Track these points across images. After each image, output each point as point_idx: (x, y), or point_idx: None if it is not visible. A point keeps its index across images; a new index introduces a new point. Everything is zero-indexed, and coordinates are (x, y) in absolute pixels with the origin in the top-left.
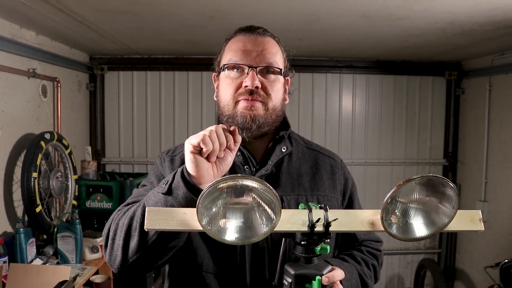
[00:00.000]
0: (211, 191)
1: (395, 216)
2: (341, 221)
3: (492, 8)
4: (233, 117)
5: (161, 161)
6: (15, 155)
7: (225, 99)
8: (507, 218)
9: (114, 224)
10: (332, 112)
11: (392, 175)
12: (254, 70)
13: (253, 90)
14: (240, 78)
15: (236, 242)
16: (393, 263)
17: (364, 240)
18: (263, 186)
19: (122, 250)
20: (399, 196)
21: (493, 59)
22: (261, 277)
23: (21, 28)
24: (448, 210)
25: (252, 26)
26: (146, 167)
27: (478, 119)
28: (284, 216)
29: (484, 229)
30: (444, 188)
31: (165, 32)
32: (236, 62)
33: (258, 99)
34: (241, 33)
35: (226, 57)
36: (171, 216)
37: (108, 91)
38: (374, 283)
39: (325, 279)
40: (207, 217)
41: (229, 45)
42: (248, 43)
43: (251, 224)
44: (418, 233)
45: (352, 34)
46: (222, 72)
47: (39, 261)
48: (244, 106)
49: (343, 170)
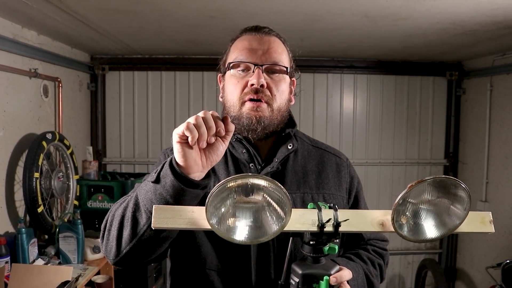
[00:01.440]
0: (221, 190)
1: (406, 217)
2: (350, 222)
3: (494, 8)
4: (239, 118)
5: (165, 157)
6: (17, 155)
7: (231, 100)
8: (508, 218)
9: (111, 216)
10: (333, 112)
11: (393, 175)
12: (260, 68)
13: (259, 89)
14: (245, 77)
15: (245, 241)
16: (394, 263)
17: (370, 239)
18: (273, 185)
19: (117, 241)
20: (410, 197)
21: (494, 59)
22: (267, 275)
23: (22, 28)
24: (460, 212)
25: (258, 26)
26: (147, 167)
27: (479, 119)
28: (294, 216)
29: (494, 231)
30: (456, 189)
31: (166, 32)
32: (241, 60)
33: (264, 99)
34: (247, 32)
35: (231, 56)
36: (179, 214)
37: (109, 91)
38: (380, 282)
39: (333, 279)
40: (216, 216)
41: (235, 45)
42: (253, 41)
43: (261, 223)
44: (428, 235)
45: (353, 34)
46: (227, 72)
47: (41, 261)
48: (250, 107)
49: (348, 168)
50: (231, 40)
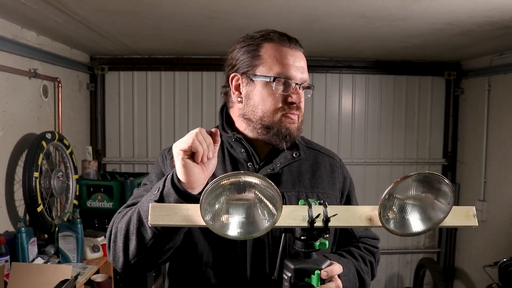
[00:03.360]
0: (214, 188)
1: (393, 212)
2: (340, 217)
3: (491, 9)
4: (278, 129)
5: (163, 159)
6: (17, 155)
7: (265, 110)
8: (506, 217)
9: (114, 227)
10: (332, 112)
11: (392, 175)
12: (300, 87)
13: (299, 106)
14: (285, 91)
15: (238, 237)
16: (392, 262)
17: (362, 237)
18: (265, 182)
19: (123, 253)
20: (396, 192)
21: (492, 59)
22: (261, 271)
23: (22, 28)
24: (444, 206)
25: (290, 37)
26: (147, 166)
27: (477, 119)
28: (285, 212)
29: (478, 225)
30: (440, 184)
31: (166, 33)
32: (288, 77)
33: (299, 115)
34: (280, 41)
35: (273, 68)
36: (175, 211)
37: (108, 91)
38: (371, 279)
39: (324, 273)
40: (210, 213)
41: (271, 53)
42: (295, 58)
43: (253, 219)
44: (414, 229)
45: (352, 35)
46: (261, 80)
47: (41, 260)
48: (290, 121)
49: (341, 169)
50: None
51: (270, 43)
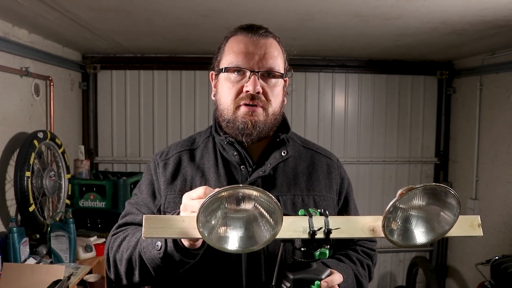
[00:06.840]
0: (212, 201)
1: (396, 223)
2: (341, 228)
3: (483, 8)
4: (234, 122)
5: (155, 166)
6: (8, 154)
7: (225, 103)
8: (498, 215)
9: (112, 255)
10: (325, 111)
11: (384, 174)
12: (255, 74)
13: (254, 95)
14: (241, 82)
15: (237, 250)
16: (385, 261)
17: (359, 240)
18: (264, 195)
19: (126, 276)
20: (401, 204)
21: (483, 58)
22: (258, 279)
23: (13, 26)
24: (449, 218)
25: (254, 26)
26: (139, 166)
27: (469, 118)
28: (285, 223)
29: (482, 235)
30: (447, 197)
31: (159, 31)
32: (237, 65)
33: (259, 104)
34: (242, 32)
35: (226, 59)
36: (169, 224)
37: (100, 90)
38: (368, 282)
39: (324, 284)
40: (207, 227)
41: (230, 45)
42: (250, 45)
43: (252, 233)
44: (418, 240)
45: (345, 33)
46: (221, 74)
47: (33, 260)
48: (245, 112)
49: (339, 169)
50: (225, 38)
51: (234, 35)
